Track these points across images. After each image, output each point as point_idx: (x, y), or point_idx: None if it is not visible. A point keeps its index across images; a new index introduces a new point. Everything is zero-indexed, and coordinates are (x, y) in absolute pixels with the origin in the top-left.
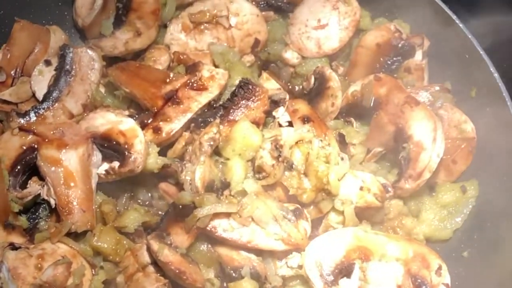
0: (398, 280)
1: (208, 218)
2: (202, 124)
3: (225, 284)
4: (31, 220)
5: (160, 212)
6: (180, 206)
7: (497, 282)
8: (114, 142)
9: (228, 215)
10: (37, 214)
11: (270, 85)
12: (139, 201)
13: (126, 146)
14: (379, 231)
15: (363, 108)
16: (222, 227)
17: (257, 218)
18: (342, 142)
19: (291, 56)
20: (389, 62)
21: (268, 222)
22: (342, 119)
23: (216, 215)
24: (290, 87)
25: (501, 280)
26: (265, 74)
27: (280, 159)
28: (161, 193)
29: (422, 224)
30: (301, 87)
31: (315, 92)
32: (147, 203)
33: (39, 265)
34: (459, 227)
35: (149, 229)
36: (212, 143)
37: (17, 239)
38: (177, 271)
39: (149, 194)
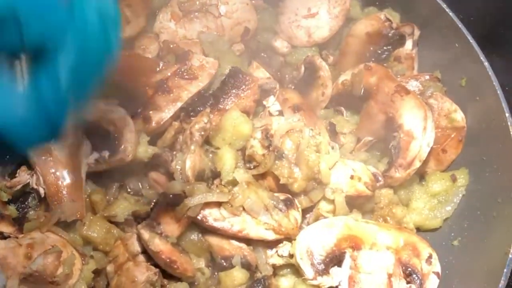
0: (389, 268)
1: (199, 207)
2: (192, 113)
3: (215, 273)
4: (20, 210)
5: (150, 201)
6: (171, 196)
7: (487, 270)
8: (104, 131)
9: (219, 204)
10: (26, 203)
11: (260, 74)
12: (129, 190)
13: (116, 135)
14: (370, 220)
15: (353, 97)
16: (213, 216)
17: (248, 208)
18: (333, 131)
19: (281, 45)
20: (379, 51)
21: (259, 211)
22: (332, 109)
23: (207, 205)
24: (280, 76)
25: (491, 268)
26: (255, 63)
27: (271, 148)
28: (151, 183)
29: (412, 213)
30: (291, 76)
31: (305, 82)
32: (137, 192)
33: (28, 254)
34: (449, 216)
35: (139, 218)
36: (202, 132)
37: (6, 228)
38: (167, 260)
39: (139, 184)
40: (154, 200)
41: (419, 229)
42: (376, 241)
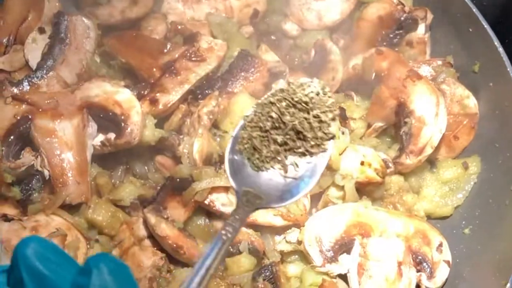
0: (399, 256)
1: (206, 192)
2: (199, 96)
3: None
4: (24, 192)
5: (156, 185)
6: (178, 180)
7: (498, 259)
8: (110, 113)
9: (226, 189)
10: (30, 185)
11: (269, 57)
12: (135, 173)
13: (122, 117)
14: (380, 207)
15: (364, 82)
16: (220, 201)
17: None
18: (343, 116)
19: (290, 28)
20: (391, 36)
21: None
22: (342, 93)
23: (215, 189)
24: (289, 59)
25: (503, 257)
26: (263, 46)
27: None
28: (157, 166)
29: (422, 200)
30: (300, 59)
31: (315, 65)
32: (143, 176)
33: None
34: (461, 204)
35: (145, 202)
36: (211, 116)
37: (9, 210)
38: (174, 245)
39: (145, 167)
40: (160, 184)
41: (429, 217)
42: (386, 228)
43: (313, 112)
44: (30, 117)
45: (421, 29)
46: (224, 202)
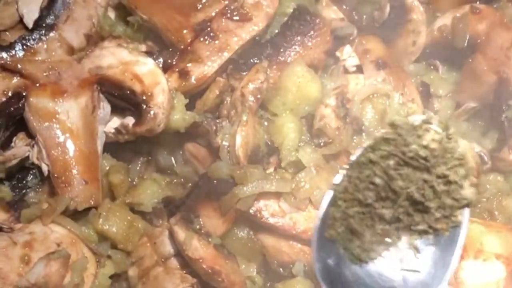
0: (499, 284)
1: (252, 198)
2: (243, 67)
3: (269, 283)
4: (17, 190)
5: (185, 182)
6: (215, 181)
7: None
8: (128, 91)
9: (278, 195)
10: (24, 182)
11: (330, 14)
12: (159, 167)
13: (143, 97)
14: (473, 217)
15: (453, 49)
16: (269, 211)
17: (317, 201)
18: (425, 93)
19: None
20: None
21: None
22: (424, 63)
23: (263, 195)
24: (356, 17)
25: None
26: None
27: (348, 119)
28: (187, 157)
29: None
30: (371, 17)
31: (391, 26)
32: (168, 170)
33: (26, 258)
34: None
35: (172, 205)
36: (258, 95)
37: None
38: (209, 270)
39: (172, 158)
40: (191, 183)
41: None
42: (482, 247)
43: (436, 170)
44: (23, 94)
45: None
46: (274, 212)
